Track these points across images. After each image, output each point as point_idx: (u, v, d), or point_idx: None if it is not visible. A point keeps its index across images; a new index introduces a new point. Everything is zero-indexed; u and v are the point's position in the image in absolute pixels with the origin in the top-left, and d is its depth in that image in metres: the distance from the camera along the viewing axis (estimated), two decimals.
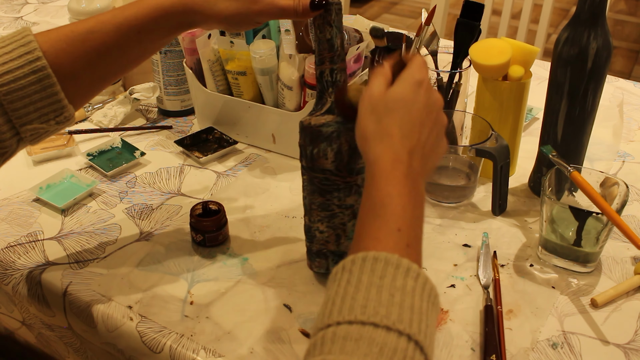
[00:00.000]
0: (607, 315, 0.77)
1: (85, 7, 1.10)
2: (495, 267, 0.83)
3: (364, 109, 0.61)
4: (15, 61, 0.65)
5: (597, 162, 0.99)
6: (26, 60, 0.65)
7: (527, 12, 1.94)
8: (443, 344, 0.73)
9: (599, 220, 0.79)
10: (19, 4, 1.59)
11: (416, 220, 0.57)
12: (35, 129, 0.68)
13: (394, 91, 0.60)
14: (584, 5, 0.81)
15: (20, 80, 0.65)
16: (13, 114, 0.66)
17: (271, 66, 0.98)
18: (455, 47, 0.99)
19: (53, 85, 0.67)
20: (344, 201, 0.75)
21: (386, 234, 0.54)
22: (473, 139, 0.97)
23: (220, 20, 0.72)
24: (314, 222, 0.77)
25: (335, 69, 0.74)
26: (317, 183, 0.74)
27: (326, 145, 0.72)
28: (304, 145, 0.74)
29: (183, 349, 0.72)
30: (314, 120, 0.73)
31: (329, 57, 0.73)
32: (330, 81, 0.74)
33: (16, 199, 0.95)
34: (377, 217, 0.55)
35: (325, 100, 0.74)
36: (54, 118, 0.69)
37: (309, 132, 0.73)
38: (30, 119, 0.67)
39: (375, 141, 0.59)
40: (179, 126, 1.12)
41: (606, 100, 1.18)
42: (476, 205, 0.94)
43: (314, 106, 0.75)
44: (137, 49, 0.72)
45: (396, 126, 0.59)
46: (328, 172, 0.74)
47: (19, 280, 0.83)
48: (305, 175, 0.76)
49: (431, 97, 0.61)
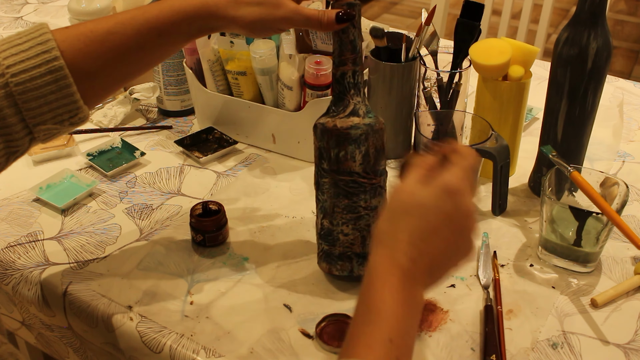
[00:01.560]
0: (607, 315, 0.77)
1: (86, 7, 1.10)
2: (495, 267, 0.83)
3: (388, 203, 0.59)
4: (32, 60, 0.64)
5: (597, 162, 0.99)
6: (43, 60, 0.64)
7: (527, 12, 1.93)
8: (443, 344, 0.73)
9: (599, 220, 0.79)
10: (19, 4, 1.59)
11: (410, 330, 0.54)
12: (48, 129, 0.66)
13: (420, 195, 0.56)
14: (584, 5, 0.81)
15: (36, 80, 0.64)
16: (27, 113, 0.65)
17: (271, 66, 0.98)
18: (455, 47, 0.99)
19: (69, 86, 0.65)
20: (369, 202, 0.75)
21: (378, 343, 0.52)
22: (473, 139, 0.97)
23: (242, 26, 0.70)
24: (337, 225, 0.76)
25: (357, 71, 0.74)
26: (342, 185, 0.74)
27: (354, 147, 0.72)
28: (327, 147, 0.74)
29: (183, 349, 0.72)
30: (340, 122, 0.73)
31: (351, 58, 0.73)
32: (353, 83, 0.74)
33: (16, 199, 0.95)
34: (370, 323, 0.53)
35: (348, 102, 0.74)
36: (69, 119, 0.67)
37: (335, 134, 0.72)
38: (45, 119, 0.66)
39: (382, 242, 0.57)
40: (179, 126, 1.12)
41: (606, 100, 1.18)
42: (476, 205, 0.94)
43: (334, 107, 0.74)
44: (156, 51, 0.71)
45: (407, 231, 0.55)
46: (355, 174, 0.73)
47: (19, 280, 0.83)
48: (326, 178, 0.75)
49: (460, 207, 0.56)
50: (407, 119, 1.02)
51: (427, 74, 1.00)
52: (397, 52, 0.98)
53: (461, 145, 0.61)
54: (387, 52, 0.98)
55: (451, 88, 0.99)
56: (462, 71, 0.98)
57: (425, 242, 0.55)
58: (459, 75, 0.99)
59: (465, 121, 0.98)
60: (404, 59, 0.98)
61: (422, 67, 0.99)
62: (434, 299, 0.79)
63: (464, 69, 0.99)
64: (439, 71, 0.99)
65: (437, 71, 0.99)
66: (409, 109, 1.01)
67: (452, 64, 1.00)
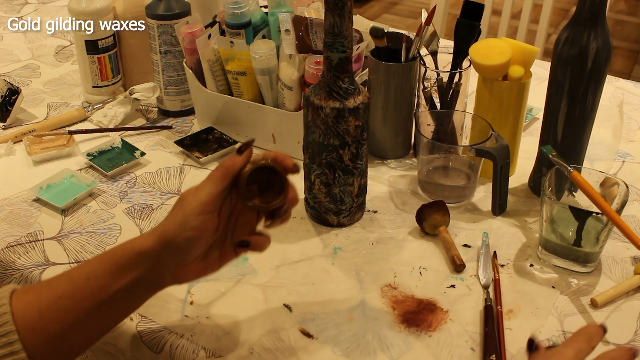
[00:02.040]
0: (607, 315, 0.77)
1: (85, 7, 1.10)
2: (495, 267, 0.83)
3: None
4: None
5: (597, 162, 0.99)
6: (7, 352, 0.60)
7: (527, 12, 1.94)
8: (443, 344, 0.73)
9: (599, 220, 0.79)
10: (19, 4, 1.59)
11: None
12: None
13: None
14: (584, 5, 0.81)
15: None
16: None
17: (271, 66, 0.98)
18: (455, 47, 0.99)
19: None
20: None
21: None
22: (473, 139, 0.97)
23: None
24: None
25: None
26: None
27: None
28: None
29: (183, 349, 0.72)
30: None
31: None
32: None
33: (16, 199, 0.95)
34: None
35: None
36: None
37: None
38: None
39: None
40: (179, 126, 1.12)
41: (606, 100, 1.18)
42: (476, 205, 0.94)
43: None
44: (111, 315, 0.66)
45: None
46: None
47: (19, 280, 0.83)
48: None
49: None
50: (407, 119, 1.02)
51: (427, 74, 1.00)
52: (397, 52, 0.98)
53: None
54: (387, 52, 0.98)
55: (451, 88, 0.99)
56: (462, 71, 0.98)
57: None
58: (459, 75, 0.99)
59: (465, 121, 0.98)
60: (404, 59, 0.98)
61: (422, 67, 0.99)
62: (433, 299, 0.79)
63: (464, 69, 0.99)
64: (439, 71, 0.99)
65: (437, 71, 0.99)
66: (409, 109, 1.01)
67: (452, 64, 1.00)
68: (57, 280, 0.64)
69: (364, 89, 0.86)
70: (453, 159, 0.97)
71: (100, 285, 0.63)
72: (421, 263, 0.84)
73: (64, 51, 1.38)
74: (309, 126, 0.85)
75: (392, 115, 1.00)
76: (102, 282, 0.63)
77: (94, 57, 1.14)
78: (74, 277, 0.64)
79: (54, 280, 0.64)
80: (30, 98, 1.20)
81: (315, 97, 0.82)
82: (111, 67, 1.16)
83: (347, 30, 0.78)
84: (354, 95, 0.82)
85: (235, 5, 1.01)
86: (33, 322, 0.61)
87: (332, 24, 0.78)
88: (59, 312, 0.62)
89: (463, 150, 0.96)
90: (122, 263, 0.64)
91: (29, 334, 0.61)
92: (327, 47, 0.80)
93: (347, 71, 0.81)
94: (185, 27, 1.04)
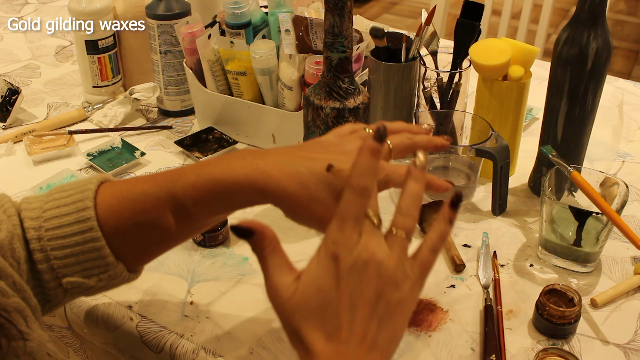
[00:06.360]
0: (607, 315, 0.77)
1: (86, 7, 1.10)
2: (495, 267, 0.83)
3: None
4: (67, 217, 0.61)
5: (597, 162, 0.99)
6: (77, 218, 0.61)
7: (527, 12, 1.94)
8: (443, 344, 0.73)
9: (598, 220, 0.79)
10: (19, 4, 1.59)
11: None
12: (77, 281, 0.62)
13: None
14: (584, 5, 0.81)
15: (65, 229, 0.61)
16: (55, 262, 0.61)
17: (271, 66, 0.98)
18: (455, 47, 0.99)
19: (97, 239, 0.61)
20: None
21: None
22: (473, 139, 0.97)
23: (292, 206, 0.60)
24: None
25: None
26: None
27: None
28: None
29: (183, 349, 0.72)
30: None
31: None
32: None
33: (16, 199, 0.95)
34: None
35: None
36: (97, 275, 0.63)
37: None
38: (72, 271, 0.62)
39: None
40: (179, 126, 1.12)
41: (606, 100, 1.18)
42: (476, 205, 0.94)
43: None
44: (190, 220, 0.62)
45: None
46: None
47: None
48: None
49: None
50: (407, 119, 1.02)
51: (427, 74, 1.00)
52: (397, 52, 0.98)
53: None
54: (387, 52, 0.98)
55: (451, 88, 0.99)
56: (462, 71, 0.98)
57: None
58: (459, 75, 0.99)
59: (465, 121, 0.98)
60: (404, 59, 0.98)
61: (422, 67, 0.99)
62: (433, 299, 0.79)
63: (464, 69, 0.99)
64: (439, 71, 0.99)
65: (437, 71, 0.99)
66: (409, 109, 1.01)
67: (452, 64, 1.00)
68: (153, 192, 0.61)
69: (364, 89, 0.85)
70: (453, 159, 0.97)
71: (207, 212, 0.61)
72: None
73: (64, 51, 1.38)
74: (309, 126, 0.85)
75: (392, 115, 1.00)
76: (209, 209, 0.60)
77: (94, 57, 1.14)
78: (177, 197, 0.60)
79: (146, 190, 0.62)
80: (30, 98, 1.20)
81: (315, 97, 0.82)
82: (111, 67, 1.16)
83: (347, 30, 0.78)
84: (354, 95, 0.82)
85: (235, 5, 1.01)
86: (111, 204, 0.61)
87: (332, 24, 0.78)
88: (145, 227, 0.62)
89: (463, 150, 0.96)
90: (236, 200, 0.59)
91: (104, 212, 0.61)
92: (327, 47, 0.80)
93: (347, 71, 0.81)
94: (185, 27, 1.04)
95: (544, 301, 0.74)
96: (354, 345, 0.48)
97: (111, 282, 0.64)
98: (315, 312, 0.49)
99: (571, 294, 0.75)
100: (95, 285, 0.63)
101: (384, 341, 0.49)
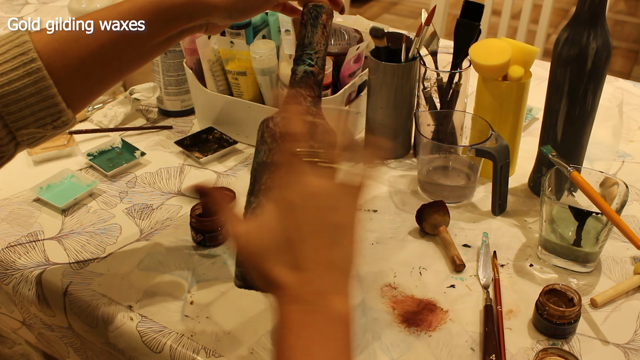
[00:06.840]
0: (607, 315, 0.77)
1: (86, 7, 1.10)
2: (495, 267, 0.83)
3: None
4: (10, 62, 0.63)
5: (596, 162, 0.99)
6: (21, 62, 0.63)
7: (527, 12, 1.94)
8: (443, 344, 0.73)
9: (598, 220, 0.79)
10: (19, 4, 1.59)
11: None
12: (31, 133, 0.65)
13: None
14: (584, 6, 0.81)
15: (15, 83, 0.62)
16: (8, 117, 0.63)
17: (271, 66, 0.98)
18: (455, 47, 0.99)
19: (49, 87, 0.64)
20: None
21: None
22: (473, 139, 0.97)
23: (224, 7, 0.69)
24: None
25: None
26: None
27: None
28: None
29: (183, 349, 0.73)
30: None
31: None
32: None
33: (16, 199, 0.95)
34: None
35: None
36: (52, 122, 0.65)
37: None
38: (27, 123, 0.64)
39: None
40: (179, 126, 1.12)
41: (606, 100, 1.18)
42: (476, 205, 0.94)
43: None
44: (133, 50, 0.69)
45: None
46: None
47: (19, 280, 0.83)
48: None
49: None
50: (407, 119, 1.02)
51: (427, 74, 1.00)
52: (397, 52, 0.98)
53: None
54: (387, 52, 0.98)
55: (451, 88, 0.99)
56: (462, 71, 0.98)
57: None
58: (459, 75, 0.99)
59: (465, 121, 0.98)
60: (404, 59, 0.98)
61: (422, 67, 0.99)
62: (433, 299, 0.79)
63: (464, 69, 0.99)
64: (439, 71, 0.99)
65: (437, 71, 0.99)
66: (409, 109, 1.01)
67: (452, 64, 1.00)
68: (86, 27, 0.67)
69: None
70: (453, 159, 0.97)
71: (147, 35, 0.67)
72: (421, 263, 0.84)
73: None
74: (257, 144, 0.67)
75: (392, 115, 1.00)
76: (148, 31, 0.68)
77: None
78: (94, 15, 0.67)
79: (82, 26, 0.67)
80: None
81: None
82: None
83: (318, 45, 0.71)
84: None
85: None
86: (53, 47, 0.65)
87: (304, 34, 0.72)
88: (82, 45, 0.66)
89: (463, 150, 0.96)
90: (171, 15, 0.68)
91: (49, 57, 0.64)
92: (294, 59, 0.72)
93: (311, 89, 0.70)
94: None
95: (544, 301, 0.74)
96: (315, 271, 0.51)
97: (62, 129, 0.67)
98: (272, 250, 0.52)
99: (571, 294, 0.75)
100: (50, 134, 0.66)
101: (340, 261, 0.53)
